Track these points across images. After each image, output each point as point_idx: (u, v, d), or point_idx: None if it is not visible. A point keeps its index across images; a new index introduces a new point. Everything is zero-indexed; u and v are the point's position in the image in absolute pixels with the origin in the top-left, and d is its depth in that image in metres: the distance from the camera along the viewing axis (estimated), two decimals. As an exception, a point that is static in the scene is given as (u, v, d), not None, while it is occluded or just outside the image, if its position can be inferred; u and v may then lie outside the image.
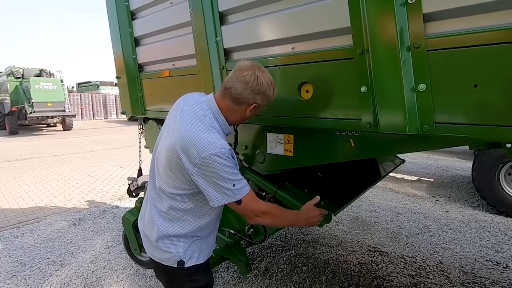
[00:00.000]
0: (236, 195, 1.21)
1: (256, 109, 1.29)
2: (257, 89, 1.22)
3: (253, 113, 1.30)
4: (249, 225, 2.13)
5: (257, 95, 1.23)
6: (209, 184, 1.19)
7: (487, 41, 0.92)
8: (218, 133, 1.23)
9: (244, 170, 1.98)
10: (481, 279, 2.61)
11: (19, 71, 15.50)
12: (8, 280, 2.75)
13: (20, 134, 14.92)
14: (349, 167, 2.34)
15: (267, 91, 1.25)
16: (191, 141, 1.16)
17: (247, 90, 1.21)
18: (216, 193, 1.20)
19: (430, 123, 1.07)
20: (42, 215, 4.34)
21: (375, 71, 1.13)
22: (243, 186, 1.23)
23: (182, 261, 1.31)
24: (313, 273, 2.73)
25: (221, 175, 1.17)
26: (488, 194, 4.02)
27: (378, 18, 1.09)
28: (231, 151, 1.22)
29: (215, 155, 1.15)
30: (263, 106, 1.31)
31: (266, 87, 1.23)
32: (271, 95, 1.28)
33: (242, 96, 1.22)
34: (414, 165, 6.70)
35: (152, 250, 1.37)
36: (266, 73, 1.25)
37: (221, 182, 1.18)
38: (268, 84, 1.24)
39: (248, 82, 1.20)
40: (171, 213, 1.30)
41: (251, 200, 1.27)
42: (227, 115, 1.29)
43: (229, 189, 1.20)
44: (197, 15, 1.77)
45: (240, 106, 1.26)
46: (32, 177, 6.51)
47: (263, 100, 1.27)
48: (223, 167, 1.16)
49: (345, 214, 4.04)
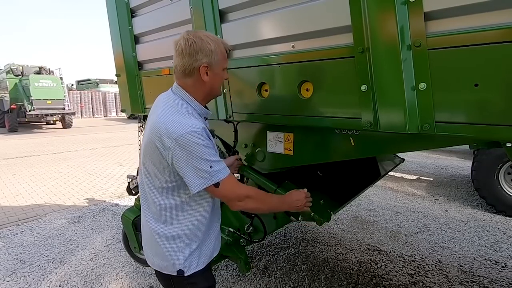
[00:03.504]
0: (214, 177, 1.15)
1: (211, 70, 1.21)
2: (192, 51, 1.16)
3: (212, 76, 1.22)
4: (248, 223, 2.13)
5: (198, 55, 1.16)
6: (186, 168, 1.13)
7: (488, 40, 0.92)
8: (191, 115, 1.19)
9: (243, 168, 1.98)
10: (479, 278, 2.62)
11: (18, 68, 15.48)
12: (8, 278, 2.75)
13: (20, 131, 14.90)
14: (348, 165, 2.34)
15: (204, 46, 1.17)
16: (162, 127, 1.13)
17: (185, 58, 1.17)
18: (194, 177, 1.14)
19: (430, 122, 1.07)
20: (41, 212, 4.35)
21: (375, 70, 1.13)
22: (221, 169, 1.17)
23: (182, 270, 1.26)
24: (312, 272, 2.73)
25: (197, 156, 1.12)
26: (487, 193, 4.03)
27: (379, 17, 1.09)
28: (205, 130, 1.17)
29: (187, 133, 1.10)
30: (218, 64, 1.22)
31: (201, 44, 1.16)
32: (213, 48, 1.18)
33: (186, 66, 1.18)
34: (414, 164, 6.70)
35: (152, 257, 1.32)
36: (198, 32, 1.20)
37: (197, 163, 1.12)
38: (202, 39, 1.17)
39: (182, 50, 1.17)
40: (162, 214, 1.25)
41: (232, 184, 1.21)
42: (194, 94, 1.24)
43: (206, 171, 1.13)
44: (197, 12, 1.77)
45: (193, 77, 1.21)
46: (31, 174, 6.51)
47: (208, 57, 1.18)
48: (198, 146, 1.11)
49: (345, 212, 4.05)
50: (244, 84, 1.69)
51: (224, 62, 1.27)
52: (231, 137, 1.97)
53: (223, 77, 1.32)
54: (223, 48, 1.25)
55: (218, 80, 1.28)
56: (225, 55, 1.27)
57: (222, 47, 1.23)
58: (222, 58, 1.24)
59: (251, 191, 1.29)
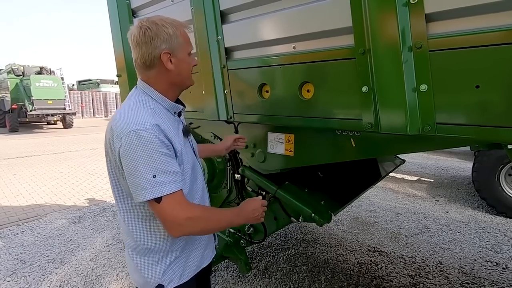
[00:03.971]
0: (155, 190, 0.95)
1: (175, 56, 1.07)
2: (148, 38, 1.03)
3: (177, 62, 1.08)
4: (249, 224, 2.13)
5: (155, 42, 1.03)
6: (128, 173, 0.97)
7: (490, 41, 0.92)
8: (154, 111, 1.05)
9: (243, 169, 1.98)
10: (480, 280, 2.61)
11: (19, 68, 15.51)
12: (8, 278, 2.75)
13: (20, 131, 14.91)
14: (349, 167, 2.34)
15: (161, 31, 1.04)
16: (114, 127, 1.00)
17: (142, 48, 1.04)
18: (134, 186, 0.97)
19: (431, 124, 1.07)
20: (42, 212, 4.35)
21: (376, 71, 1.13)
22: (168, 181, 0.97)
23: (161, 285, 1.11)
24: (312, 273, 2.73)
25: (139, 160, 0.94)
26: (488, 194, 4.02)
27: (380, 18, 1.09)
28: (158, 128, 0.98)
29: (132, 132, 0.94)
30: (181, 48, 1.09)
31: (156, 29, 1.03)
32: (171, 32, 1.05)
33: (145, 57, 1.05)
34: (414, 165, 6.69)
35: (131, 273, 1.19)
36: (152, 17, 1.07)
37: (139, 169, 0.95)
38: (157, 24, 1.04)
39: (137, 40, 1.04)
40: (129, 226, 1.11)
41: (176, 203, 0.99)
42: (160, 87, 1.10)
43: (148, 180, 0.94)
44: (198, 13, 1.77)
45: (156, 68, 1.07)
46: (32, 174, 6.52)
47: (167, 42, 1.05)
48: (142, 147, 0.94)
49: (345, 213, 4.04)
50: (245, 85, 1.69)
51: (187, 46, 1.12)
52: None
53: (191, 63, 1.15)
54: (183, 30, 1.11)
55: (185, 67, 1.12)
56: (187, 37, 1.12)
57: (181, 29, 1.10)
58: (184, 41, 1.10)
59: (196, 211, 1.06)
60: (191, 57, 1.14)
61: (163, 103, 1.11)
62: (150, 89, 1.10)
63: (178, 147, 1.05)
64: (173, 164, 1.01)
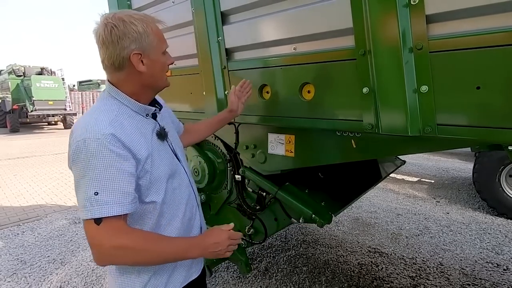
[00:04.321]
0: (94, 209, 0.83)
1: (147, 57, 0.96)
2: (115, 37, 0.91)
3: (149, 63, 0.97)
4: (249, 225, 2.13)
5: (123, 42, 0.92)
6: (75, 186, 0.89)
7: (490, 43, 0.92)
8: (114, 114, 0.94)
9: (244, 169, 1.98)
10: (481, 281, 2.61)
11: (20, 69, 15.53)
12: (9, 278, 2.75)
13: (21, 132, 14.93)
14: (350, 168, 2.34)
15: (129, 29, 0.92)
16: (73, 130, 0.92)
17: (109, 48, 0.92)
18: (79, 199, 0.87)
19: (432, 125, 1.07)
20: (42, 213, 4.35)
21: (377, 72, 1.13)
22: (114, 202, 0.85)
23: None
24: (313, 274, 2.72)
25: (82, 172, 0.85)
26: (489, 195, 4.02)
27: (381, 19, 1.09)
28: (114, 138, 0.86)
29: (82, 140, 0.85)
30: (153, 48, 0.97)
31: (124, 27, 0.92)
32: (141, 29, 0.94)
33: (113, 58, 0.93)
34: (415, 166, 6.69)
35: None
36: (118, 13, 0.94)
37: (81, 182, 0.86)
38: (125, 21, 0.92)
39: (103, 39, 0.92)
40: None
41: (112, 228, 0.85)
42: (130, 90, 0.99)
43: (89, 197, 0.84)
44: (199, 14, 1.77)
45: (126, 69, 0.96)
46: (33, 175, 6.52)
47: (137, 41, 0.93)
48: (90, 159, 0.84)
49: (346, 214, 4.04)
50: (246, 86, 1.69)
51: (161, 44, 1.00)
52: (232, 139, 1.98)
53: (166, 63, 1.03)
54: (155, 26, 0.99)
55: (159, 67, 1.01)
56: (160, 34, 1.00)
57: (153, 25, 0.98)
58: (157, 39, 0.98)
59: (126, 240, 0.87)
60: (166, 55, 1.04)
61: (131, 106, 1.00)
62: (117, 92, 0.99)
63: (143, 154, 0.94)
64: (124, 181, 0.87)
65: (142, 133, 0.98)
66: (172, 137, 1.16)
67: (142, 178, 0.94)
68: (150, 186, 0.97)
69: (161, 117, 1.13)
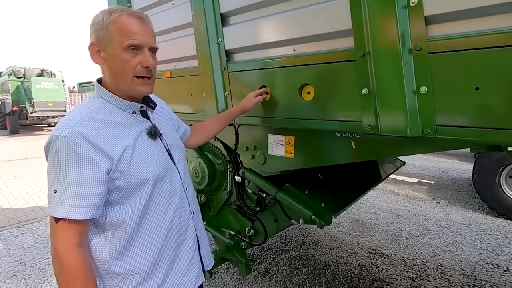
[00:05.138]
0: (51, 207, 0.84)
1: (104, 50, 0.93)
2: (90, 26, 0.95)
3: (107, 58, 0.93)
4: (249, 226, 2.13)
5: (90, 31, 0.94)
6: None
7: (489, 44, 0.92)
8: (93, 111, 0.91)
9: (244, 171, 1.98)
10: (481, 282, 2.60)
11: (20, 70, 15.55)
12: (8, 280, 2.75)
13: (21, 133, 14.94)
14: (349, 169, 2.34)
15: (94, 19, 0.93)
16: None
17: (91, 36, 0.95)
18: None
19: (431, 126, 1.07)
20: (42, 214, 4.35)
21: (376, 73, 1.13)
22: (68, 203, 0.83)
23: None
24: (313, 275, 2.72)
25: (51, 169, 0.86)
26: (489, 196, 4.02)
27: (380, 20, 1.09)
28: (81, 137, 0.84)
29: (52, 136, 0.86)
30: (110, 40, 0.91)
31: (94, 17, 0.94)
32: (100, 20, 0.91)
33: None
34: (415, 167, 6.69)
35: None
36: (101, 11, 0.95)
37: (48, 178, 0.87)
38: (100, 12, 0.94)
39: None
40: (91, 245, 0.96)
41: (67, 231, 0.84)
42: (109, 85, 0.97)
43: (51, 193, 0.85)
44: (199, 16, 1.78)
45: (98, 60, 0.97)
46: (32, 176, 6.52)
47: (96, 32, 0.92)
48: (54, 155, 0.84)
49: (346, 216, 4.03)
50: (245, 87, 1.69)
51: (121, 38, 0.90)
52: (232, 140, 1.98)
53: (129, 61, 0.92)
54: (124, 18, 0.90)
55: (118, 64, 0.92)
56: (125, 28, 0.90)
57: (119, 17, 0.90)
58: (116, 32, 0.90)
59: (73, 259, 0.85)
60: (132, 53, 0.92)
61: (115, 103, 0.96)
62: (100, 89, 0.97)
63: (117, 152, 0.89)
64: (85, 187, 0.84)
65: (123, 131, 0.94)
66: (169, 137, 1.12)
67: (118, 180, 0.90)
68: (129, 188, 0.92)
69: (156, 116, 1.10)
